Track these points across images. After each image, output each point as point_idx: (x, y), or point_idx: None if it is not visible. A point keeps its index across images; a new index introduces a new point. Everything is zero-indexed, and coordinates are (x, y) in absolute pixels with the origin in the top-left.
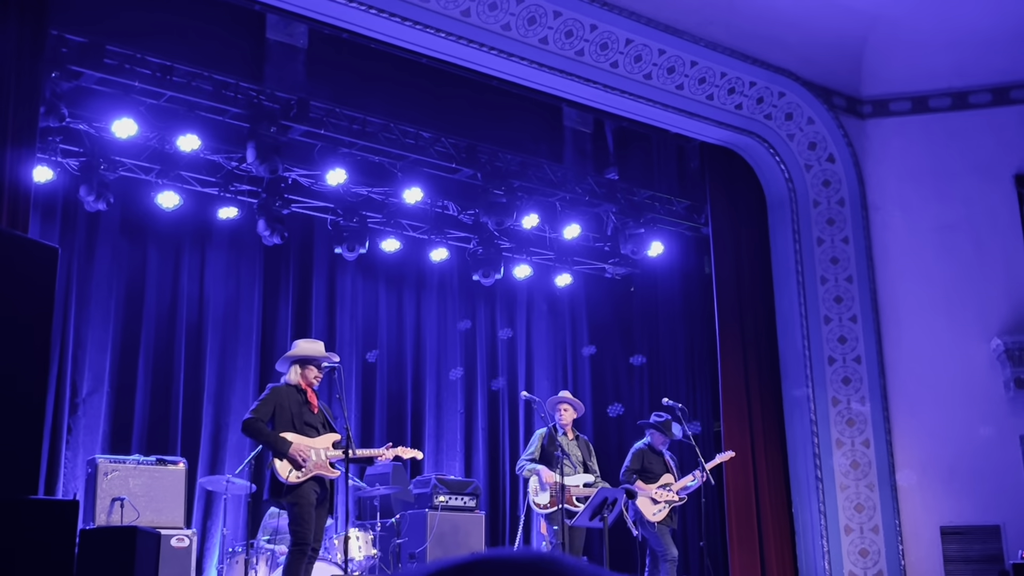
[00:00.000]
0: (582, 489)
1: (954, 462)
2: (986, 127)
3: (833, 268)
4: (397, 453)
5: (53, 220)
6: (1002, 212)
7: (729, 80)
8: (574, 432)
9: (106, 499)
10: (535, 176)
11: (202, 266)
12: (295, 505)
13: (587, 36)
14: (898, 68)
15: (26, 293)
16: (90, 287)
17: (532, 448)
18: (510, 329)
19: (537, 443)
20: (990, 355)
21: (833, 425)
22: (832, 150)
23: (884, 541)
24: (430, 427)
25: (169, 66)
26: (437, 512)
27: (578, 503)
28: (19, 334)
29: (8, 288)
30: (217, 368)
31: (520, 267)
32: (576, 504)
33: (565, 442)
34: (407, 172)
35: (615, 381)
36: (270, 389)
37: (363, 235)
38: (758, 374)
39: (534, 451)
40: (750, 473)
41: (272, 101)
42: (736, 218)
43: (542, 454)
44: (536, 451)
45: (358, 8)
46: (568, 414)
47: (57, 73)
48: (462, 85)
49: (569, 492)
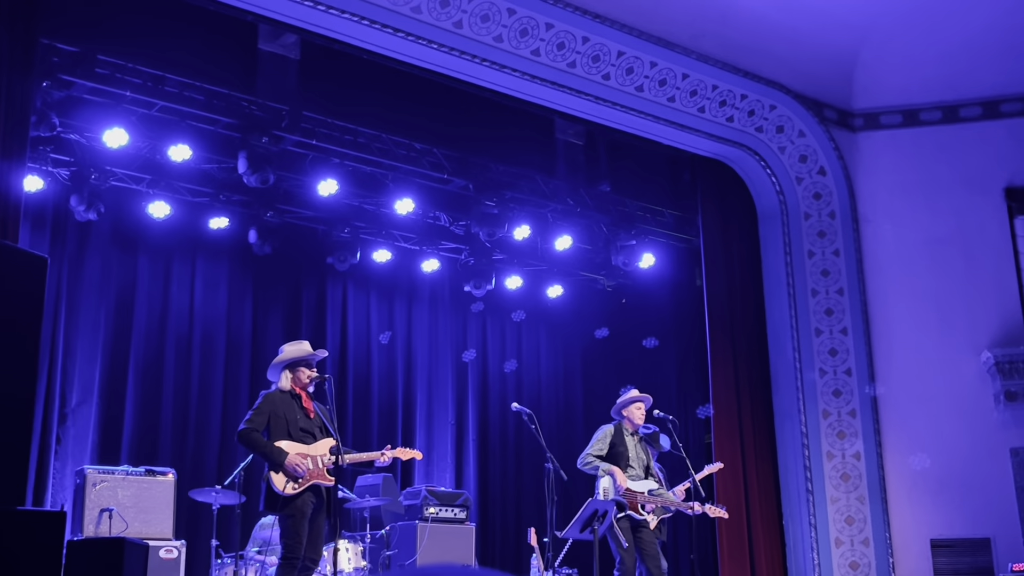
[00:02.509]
0: (648, 496)
1: (944, 475)
2: (976, 140)
3: (824, 280)
4: (396, 455)
5: (43, 230)
6: (992, 225)
7: (720, 93)
8: (639, 434)
9: (94, 510)
10: (527, 187)
11: (193, 276)
12: (289, 517)
13: (579, 48)
14: (889, 81)
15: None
16: (80, 297)
17: (600, 444)
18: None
19: (607, 440)
20: (980, 368)
21: (824, 437)
22: (823, 163)
23: (874, 554)
24: (421, 438)
25: (161, 76)
26: (427, 524)
27: (642, 511)
28: (8, 344)
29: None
30: (207, 379)
31: (512, 278)
32: (641, 512)
33: (632, 443)
34: (399, 183)
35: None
36: (263, 397)
37: (354, 246)
38: (749, 386)
39: (603, 447)
40: (740, 486)
41: (264, 111)
42: (727, 230)
43: (610, 452)
44: (605, 448)
45: (350, 19)
46: (643, 411)
47: (48, 83)
48: (454, 96)
49: (635, 498)
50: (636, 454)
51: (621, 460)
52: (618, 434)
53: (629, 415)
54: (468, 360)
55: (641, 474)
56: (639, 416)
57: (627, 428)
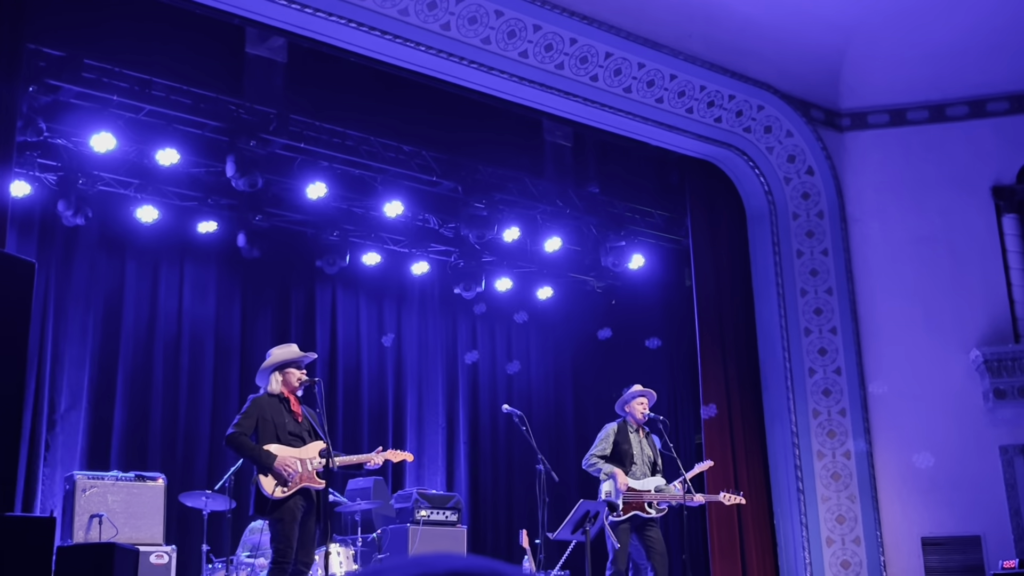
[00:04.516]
0: (653, 494)
1: (934, 473)
2: (963, 139)
3: (813, 280)
4: (387, 457)
5: (31, 235)
6: (980, 224)
7: (708, 93)
8: (644, 429)
9: (84, 516)
10: (516, 189)
11: (181, 280)
12: (279, 521)
13: (567, 50)
14: (876, 81)
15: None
16: (68, 302)
17: (603, 443)
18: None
19: (610, 438)
20: (969, 366)
21: (814, 436)
22: (811, 163)
23: (866, 552)
24: (412, 441)
25: (148, 80)
26: (419, 527)
27: (649, 509)
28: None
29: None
30: (197, 383)
31: (501, 280)
32: (648, 510)
33: (636, 440)
34: (387, 185)
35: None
36: (251, 401)
37: (343, 249)
38: (739, 386)
39: (606, 447)
40: (731, 485)
41: (251, 115)
42: (716, 231)
43: (614, 451)
44: (608, 447)
45: (337, 22)
46: (646, 407)
47: (34, 87)
48: (442, 98)
49: (641, 497)
50: (641, 451)
51: (626, 458)
52: (622, 432)
53: (631, 411)
54: (470, 362)
55: (647, 471)
56: (640, 412)
57: (631, 425)
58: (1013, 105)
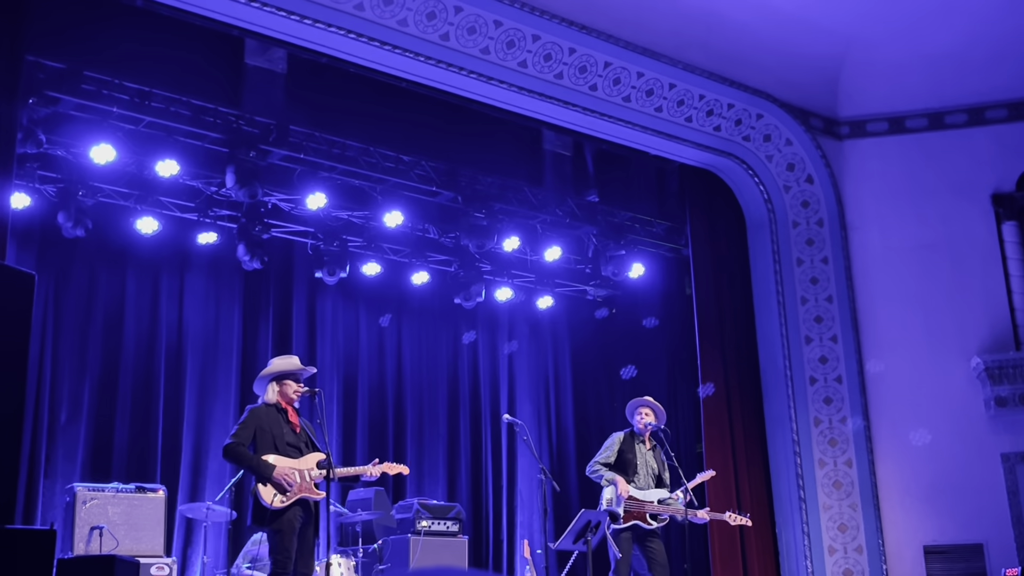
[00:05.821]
0: (656, 506)
1: (936, 481)
2: (963, 147)
3: (813, 288)
4: (383, 469)
5: (31, 247)
6: (980, 231)
7: (707, 102)
8: (651, 441)
9: (85, 528)
10: (515, 199)
11: (181, 292)
12: (278, 532)
13: (566, 59)
14: (875, 89)
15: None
16: (68, 314)
17: (608, 451)
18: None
19: (615, 447)
20: (970, 374)
21: (815, 445)
22: (810, 171)
23: (868, 561)
24: (412, 451)
25: (147, 91)
26: (420, 537)
27: (651, 520)
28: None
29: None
30: (197, 395)
31: (501, 290)
32: (649, 521)
33: (641, 451)
34: (387, 196)
35: (597, 403)
36: (248, 411)
37: (343, 259)
38: (740, 395)
39: (610, 455)
40: (733, 494)
41: (251, 126)
42: (716, 239)
43: (618, 460)
44: (612, 455)
45: (337, 33)
46: (648, 418)
47: (34, 99)
48: (442, 109)
49: (643, 508)
50: (645, 462)
51: (629, 468)
52: (627, 441)
53: (635, 421)
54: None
55: (651, 482)
56: (640, 422)
57: (638, 435)
58: (1012, 113)
